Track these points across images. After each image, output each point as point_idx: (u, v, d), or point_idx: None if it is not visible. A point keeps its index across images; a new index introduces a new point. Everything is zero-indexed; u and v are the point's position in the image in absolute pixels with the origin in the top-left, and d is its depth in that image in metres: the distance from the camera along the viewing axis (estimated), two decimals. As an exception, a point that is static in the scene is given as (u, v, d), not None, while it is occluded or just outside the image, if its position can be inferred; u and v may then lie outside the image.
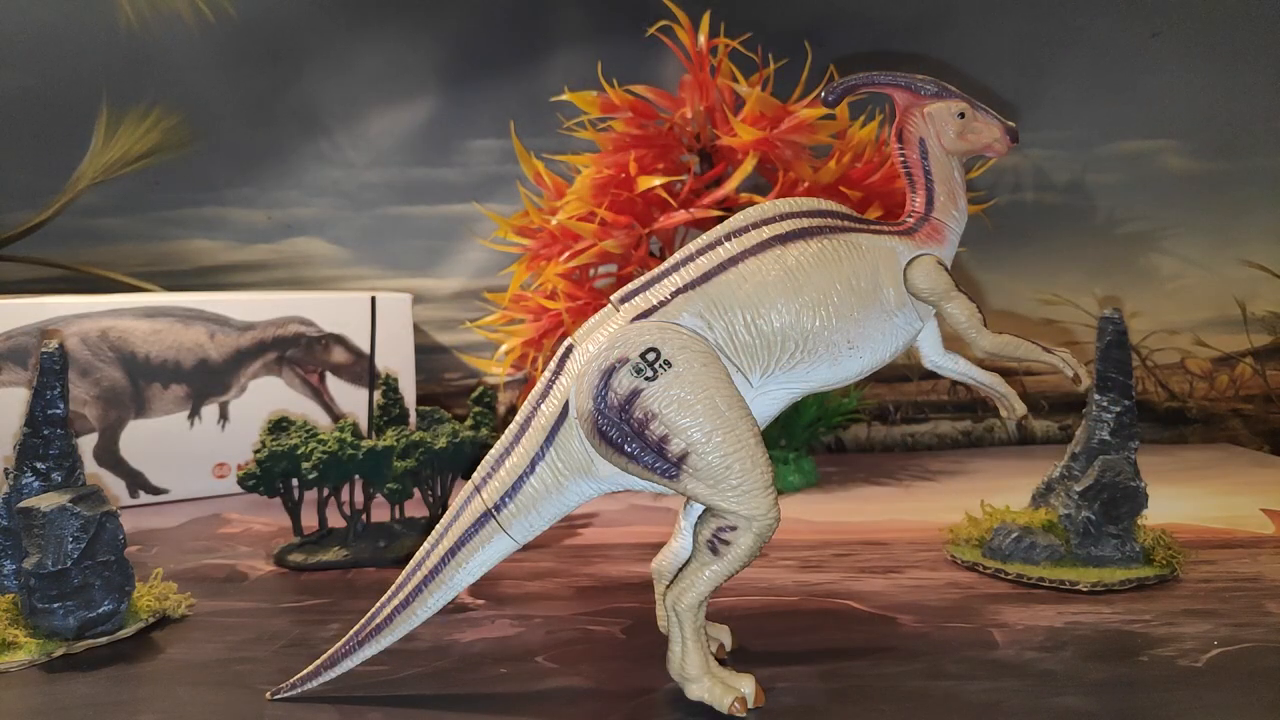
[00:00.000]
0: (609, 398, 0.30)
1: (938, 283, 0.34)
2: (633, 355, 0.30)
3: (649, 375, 0.30)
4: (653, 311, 0.32)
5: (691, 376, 0.30)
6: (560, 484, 0.32)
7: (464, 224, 0.83)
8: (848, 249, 0.33)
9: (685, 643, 0.32)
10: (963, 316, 0.35)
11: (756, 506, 0.30)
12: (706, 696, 0.32)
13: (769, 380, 0.32)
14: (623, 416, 0.30)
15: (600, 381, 0.30)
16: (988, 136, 0.36)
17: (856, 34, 0.82)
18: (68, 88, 0.80)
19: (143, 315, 0.65)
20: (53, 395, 0.41)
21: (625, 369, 0.30)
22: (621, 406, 0.30)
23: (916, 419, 0.86)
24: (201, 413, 0.66)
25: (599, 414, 0.30)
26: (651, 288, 0.32)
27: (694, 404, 0.30)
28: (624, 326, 0.31)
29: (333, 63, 0.82)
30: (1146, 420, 0.86)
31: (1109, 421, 0.46)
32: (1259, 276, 0.87)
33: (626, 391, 0.30)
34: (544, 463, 0.32)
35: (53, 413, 0.41)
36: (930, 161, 0.35)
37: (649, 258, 0.62)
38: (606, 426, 0.30)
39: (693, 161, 0.64)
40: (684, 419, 0.30)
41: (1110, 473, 0.45)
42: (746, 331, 0.32)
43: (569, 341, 0.33)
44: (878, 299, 0.33)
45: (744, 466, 0.30)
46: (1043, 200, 0.86)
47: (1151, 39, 0.84)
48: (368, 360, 0.70)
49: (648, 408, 0.30)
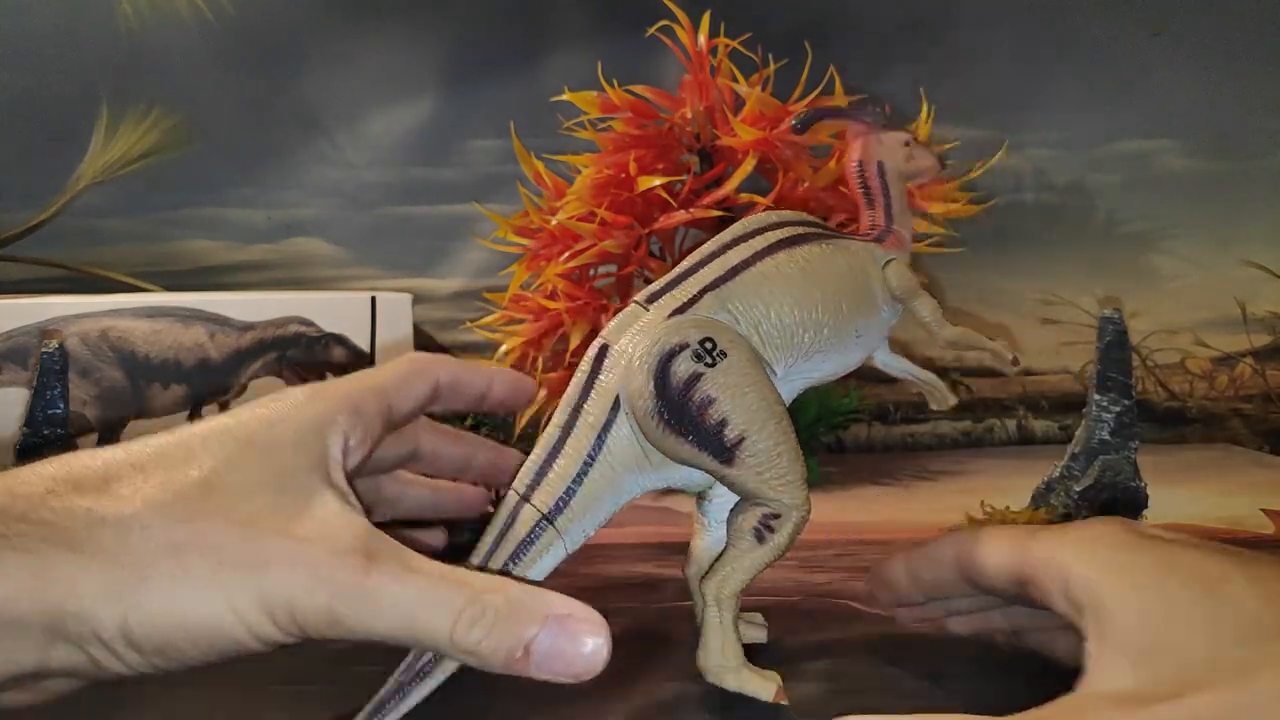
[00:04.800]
0: (670, 381, 0.31)
1: (909, 282, 0.38)
2: (692, 342, 0.31)
3: (708, 362, 0.31)
4: (685, 308, 0.33)
5: (743, 368, 0.31)
6: (617, 481, 0.32)
7: (464, 224, 0.83)
8: (843, 250, 0.36)
9: (725, 632, 0.32)
10: (928, 311, 0.38)
11: (796, 497, 0.31)
12: (747, 687, 0.32)
13: (790, 371, 0.34)
14: (683, 399, 0.31)
15: (660, 366, 0.31)
16: (924, 164, 0.41)
17: (856, 34, 0.82)
18: (68, 88, 0.80)
19: (143, 315, 0.65)
20: (53, 395, 0.41)
21: (686, 354, 0.31)
22: (682, 390, 0.31)
23: (917, 419, 0.86)
24: (201, 413, 0.66)
25: (660, 397, 0.31)
26: (677, 287, 0.34)
27: (748, 393, 0.31)
28: (669, 320, 0.32)
29: (333, 63, 0.82)
30: (1146, 420, 0.86)
31: (1109, 421, 0.46)
32: (1259, 276, 0.87)
33: (687, 375, 0.31)
34: (599, 462, 0.32)
35: (53, 413, 0.41)
36: (888, 180, 0.40)
37: (649, 258, 0.62)
38: (667, 410, 0.31)
39: (693, 161, 0.64)
40: (740, 406, 0.31)
41: (1110, 473, 0.45)
42: (771, 325, 0.33)
43: (602, 341, 0.33)
44: (870, 294, 0.36)
45: (790, 457, 0.31)
46: (1043, 200, 0.86)
47: (1151, 39, 0.84)
48: (368, 360, 0.70)
49: (706, 392, 0.31)
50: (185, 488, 0.26)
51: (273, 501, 0.27)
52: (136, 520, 0.25)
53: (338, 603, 0.25)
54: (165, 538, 0.25)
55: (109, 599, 0.24)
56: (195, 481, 0.26)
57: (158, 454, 0.27)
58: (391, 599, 0.26)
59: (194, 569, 0.25)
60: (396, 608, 0.26)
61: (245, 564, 0.25)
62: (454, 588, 0.26)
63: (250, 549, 0.26)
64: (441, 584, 0.26)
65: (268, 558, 0.25)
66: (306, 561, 0.26)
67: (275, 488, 0.27)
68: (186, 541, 0.25)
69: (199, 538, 0.25)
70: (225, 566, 0.25)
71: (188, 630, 0.25)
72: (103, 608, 0.24)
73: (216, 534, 0.25)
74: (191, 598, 0.25)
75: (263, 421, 0.29)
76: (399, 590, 0.26)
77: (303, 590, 0.25)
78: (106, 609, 0.24)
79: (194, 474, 0.27)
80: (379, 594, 0.25)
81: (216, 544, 0.25)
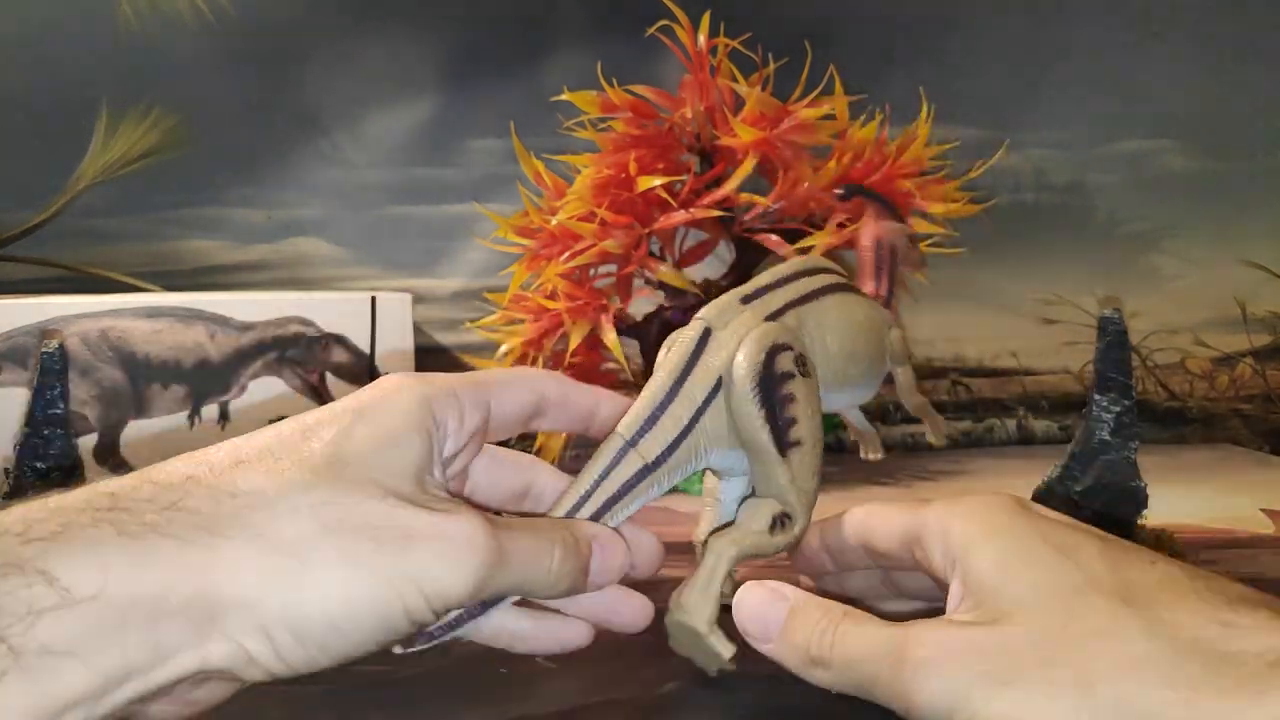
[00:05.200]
0: (775, 365, 0.34)
1: (904, 350, 0.43)
2: (796, 348, 0.35)
3: (802, 370, 0.35)
4: (775, 317, 0.36)
5: (816, 395, 0.35)
6: (702, 449, 0.35)
7: (464, 224, 0.83)
8: (873, 307, 0.41)
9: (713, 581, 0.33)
10: (908, 379, 0.44)
11: (806, 514, 0.34)
12: (709, 636, 0.33)
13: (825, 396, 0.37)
14: (777, 383, 0.34)
15: (771, 350, 0.34)
16: (913, 258, 0.49)
17: (857, 34, 0.82)
18: (68, 88, 0.80)
19: (143, 315, 0.65)
20: (53, 395, 0.41)
21: (790, 354, 0.34)
22: (780, 376, 0.34)
23: (917, 419, 0.86)
24: (201, 413, 0.66)
25: (763, 373, 0.34)
26: (766, 296, 0.37)
27: (816, 415, 0.35)
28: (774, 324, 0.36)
29: (333, 63, 0.82)
30: (1146, 420, 0.86)
31: (1109, 421, 0.46)
32: (1259, 276, 0.87)
33: (785, 369, 0.34)
34: (696, 428, 0.34)
35: (53, 413, 0.41)
36: (896, 261, 0.47)
37: (649, 258, 0.62)
38: (763, 386, 0.34)
39: (693, 161, 0.64)
40: (808, 418, 0.34)
41: (1110, 473, 0.45)
42: (827, 351, 0.37)
43: (705, 324, 0.35)
44: (884, 347, 0.41)
45: (817, 482, 0.35)
46: (1043, 200, 0.86)
47: (1151, 39, 0.84)
48: (368, 360, 0.70)
49: (792, 391, 0.34)
50: (318, 464, 0.25)
51: (396, 470, 0.27)
52: (284, 502, 0.24)
53: (482, 572, 0.26)
54: (317, 520, 0.24)
55: (273, 586, 0.23)
56: (323, 455, 0.26)
57: (277, 436, 0.27)
58: (518, 559, 0.28)
59: (354, 551, 0.24)
60: (521, 566, 0.28)
61: (395, 543, 0.25)
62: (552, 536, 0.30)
63: (394, 526, 0.25)
64: (543, 535, 0.29)
65: (411, 534, 0.25)
66: (444, 535, 0.26)
67: (393, 456, 0.27)
68: (338, 522, 0.25)
69: (348, 516, 0.25)
70: (382, 546, 0.25)
71: (355, 617, 0.24)
72: (268, 595, 0.23)
73: (362, 512, 0.25)
74: (357, 581, 0.24)
75: (370, 397, 0.29)
76: (518, 549, 0.28)
77: (448, 567, 0.26)
78: (272, 596, 0.23)
79: (317, 447, 0.26)
80: (509, 556, 0.27)
81: (365, 523, 0.25)
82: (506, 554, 0.27)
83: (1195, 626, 0.23)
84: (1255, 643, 0.22)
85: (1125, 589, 0.25)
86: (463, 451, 0.31)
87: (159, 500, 0.24)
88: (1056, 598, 0.25)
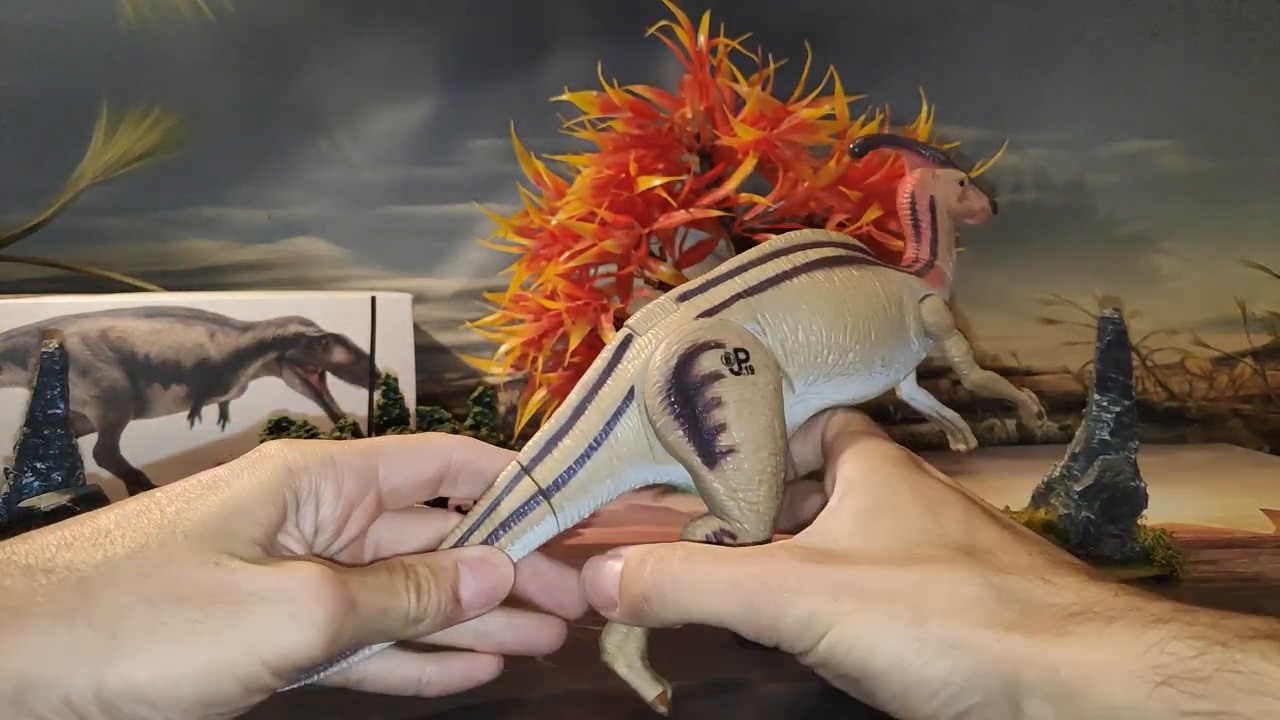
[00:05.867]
0: (692, 369, 0.31)
1: (944, 320, 0.38)
2: (729, 345, 0.32)
3: (734, 369, 0.31)
4: (714, 312, 0.33)
5: (766, 392, 0.32)
6: (617, 468, 0.33)
7: (464, 224, 0.83)
8: (881, 278, 0.36)
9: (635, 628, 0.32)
10: (959, 353, 0.38)
11: (758, 529, 0.31)
12: (633, 680, 0.32)
13: (809, 389, 0.34)
14: (695, 389, 0.31)
15: (687, 352, 0.31)
16: (976, 205, 0.41)
17: (856, 34, 0.82)
18: (68, 88, 0.80)
19: (143, 315, 0.65)
20: (53, 395, 0.41)
21: (717, 353, 0.31)
22: (699, 381, 0.31)
23: (917, 419, 0.86)
24: (201, 413, 0.66)
25: (674, 379, 0.31)
26: (710, 289, 0.34)
27: (758, 415, 0.31)
28: (705, 319, 0.33)
29: (333, 62, 0.82)
30: (1146, 420, 0.86)
31: (1109, 421, 0.46)
32: (1259, 276, 0.87)
33: (708, 370, 0.31)
34: (604, 446, 0.32)
35: (53, 413, 0.41)
36: (938, 216, 0.40)
37: (649, 258, 0.62)
38: (675, 394, 0.31)
39: (693, 161, 0.64)
40: (745, 421, 0.31)
41: (1110, 473, 0.45)
42: (797, 341, 0.34)
43: (628, 331, 0.33)
44: (903, 325, 0.37)
45: (769, 491, 0.31)
46: (1043, 200, 0.86)
47: (1151, 39, 0.84)
48: (368, 360, 0.70)
49: (719, 393, 0.31)
50: (150, 538, 0.25)
51: (240, 535, 0.26)
52: (99, 577, 0.24)
53: (331, 625, 0.26)
54: (134, 591, 0.24)
55: (79, 661, 0.23)
56: (158, 527, 0.25)
57: (121, 513, 0.26)
58: (369, 602, 0.28)
59: (169, 620, 0.24)
60: (373, 610, 0.28)
61: (227, 609, 0.24)
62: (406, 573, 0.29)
63: (228, 592, 0.25)
64: (396, 574, 0.29)
65: (247, 598, 0.25)
66: (286, 594, 0.25)
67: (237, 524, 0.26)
68: (157, 592, 0.24)
69: (174, 587, 0.24)
70: (209, 614, 0.24)
71: (170, 688, 0.24)
72: (73, 671, 0.23)
73: (191, 580, 0.24)
74: (171, 651, 0.24)
75: (231, 468, 0.29)
76: (367, 593, 0.28)
77: (291, 626, 0.25)
78: (78, 672, 0.23)
79: (155, 518, 0.26)
80: (358, 602, 0.27)
81: (193, 592, 0.24)
82: (355, 601, 0.27)
83: (1020, 581, 0.27)
84: (1064, 598, 0.27)
85: (970, 545, 0.29)
86: (353, 517, 0.31)
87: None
88: (911, 545, 0.29)
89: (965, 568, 0.28)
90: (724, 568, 0.29)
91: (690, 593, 0.29)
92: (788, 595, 0.28)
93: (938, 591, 0.27)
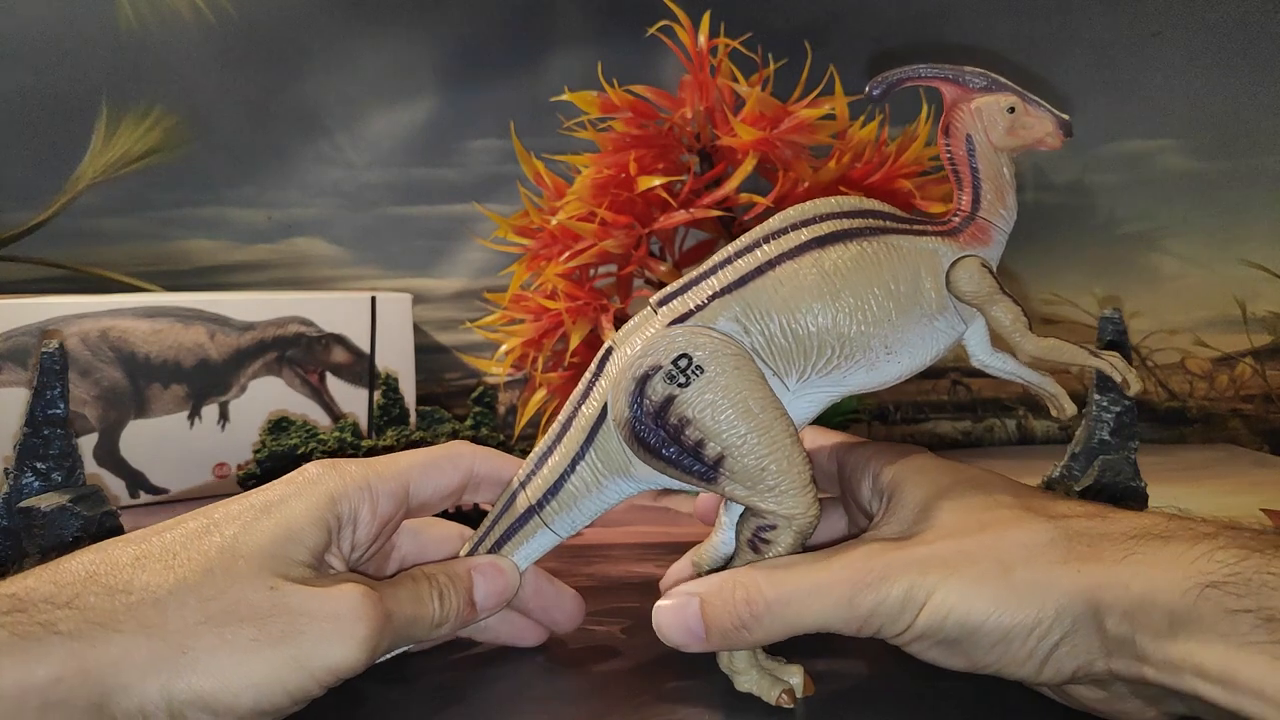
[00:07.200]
0: (644, 405, 0.30)
1: (981, 285, 0.33)
2: (665, 362, 0.30)
3: (681, 381, 0.30)
4: (690, 315, 0.32)
5: (724, 381, 0.30)
6: (599, 483, 0.33)
7: (464, 224, 0.83)
8: (887, 251, 0.32)
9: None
10: (1007, 320, 0.33)
11: (795, 505, 0.31)
12: (755, 689, 0.32)
13: (805, 384, 0.32)
14: (659, 422, 0.30)
15: (635, 389, 0.30)
16: (1039, 131, 0.35)
17: (856, 34, 0.82)
18: (68, 88, 0.80)
19: (143, 315, 0.65)
20: (53, 395, 0.41)
21: (659, 376, 0.30)
22: (657, 413, 0.30)
23: (916, 419, 0.86)
24: (201, 413, 0.66)
25: (636, 420, 0.30)
26: (689, 291, 0.32)
27: (726, 408, 0.30)
28: (659, 332, 0.31)
29: (333, 63, 0.82)
30: (1146, 420, 0.86)
31: (1109, 421, 0.46)
32: (1259, 276, 0.87)
33: (661, 398, 0.30)
34: (584, 463, 0.33)
35: (53, 413, 0.41)
36: (978, 159, 0.34)
37: (649, 258, 0.62)
38: (644, 432, 0.31)
39: (693, 161, 0.64)
40: (718, 423, 0.30)
41: (1110, 473, 0.45)
42: (783, 336, 0.31)
43: (609, 344, 0.33)
44: (918, 302, 0.32)
45: (780, 467, 0.30)
46: (1043, 200, 0.86)
47: (1151, 39, 0.84)
48: (368, 360, 0.70)
49: (682, 414, 0.30)
50: (212, 560, 0.29)
51: (293, 559, 0.30)
52: (173, 600, 0.27)
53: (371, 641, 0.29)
54: (202, 611, 0.27)
55: (153, 673, 0.26)
56: (219, 550, 0.29)
57: (182, 533, 0.30)
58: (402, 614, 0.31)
59: (232, 637, 0.27)
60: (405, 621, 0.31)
61: (280, 628, 0.28)
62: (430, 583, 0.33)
63: (282, 613, 0.28)
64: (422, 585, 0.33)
65: (299, 619, 0.28)
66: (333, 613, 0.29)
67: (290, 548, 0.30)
68: (222, 613, 0.27)
69: (235, 608, 0.28)
70: (265, 633, 0.28)
71: (231, 698, 0.27)
72: (148, 681, 0.26)
73: (250, 602, 0.28)
74: (233, 666, 0.27)
75: (280, 491, 0.32)
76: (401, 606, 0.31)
77: (337, 643, 0.28)
78: (152, 682, 0.26)
79: (216, 541, 0.29)
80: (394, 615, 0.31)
81: (251, 613, 0.28)
82: (391, 615, 0.30)
83: (1081, 521, 0.30)
84: (1124, 526, 0.30)
85: (1026, 503, 0.32)
86: (383, 532, 0.34)
87: (57, 598, 0.27)
88: (972, 514, 0.31)
89: (1032, 520, 0.30)
90: (811, 577, 0.31)
91: (791, 609, 0.31)
92: (882, 582, 0.30)
93: (1014, 544, 0.30)
